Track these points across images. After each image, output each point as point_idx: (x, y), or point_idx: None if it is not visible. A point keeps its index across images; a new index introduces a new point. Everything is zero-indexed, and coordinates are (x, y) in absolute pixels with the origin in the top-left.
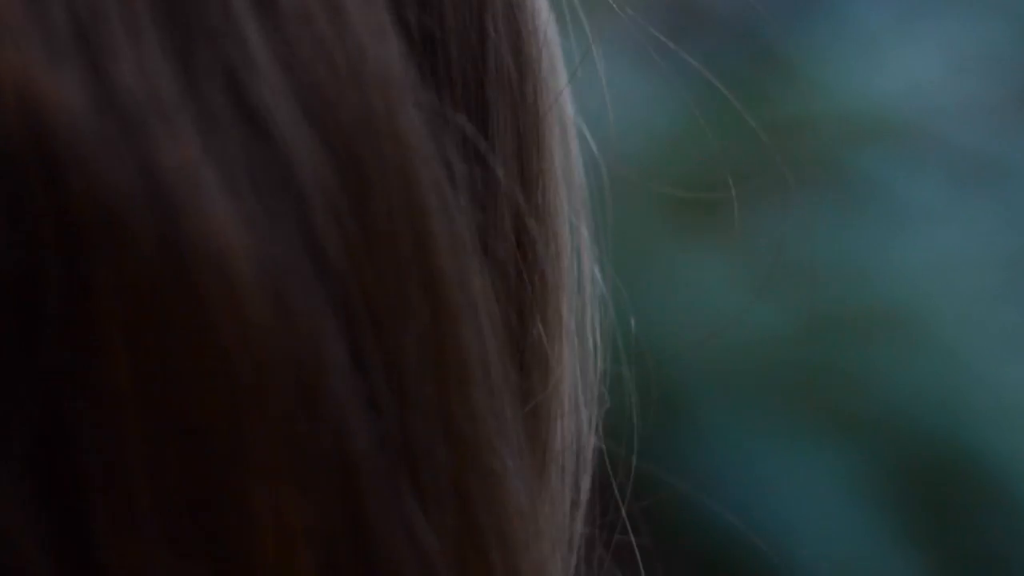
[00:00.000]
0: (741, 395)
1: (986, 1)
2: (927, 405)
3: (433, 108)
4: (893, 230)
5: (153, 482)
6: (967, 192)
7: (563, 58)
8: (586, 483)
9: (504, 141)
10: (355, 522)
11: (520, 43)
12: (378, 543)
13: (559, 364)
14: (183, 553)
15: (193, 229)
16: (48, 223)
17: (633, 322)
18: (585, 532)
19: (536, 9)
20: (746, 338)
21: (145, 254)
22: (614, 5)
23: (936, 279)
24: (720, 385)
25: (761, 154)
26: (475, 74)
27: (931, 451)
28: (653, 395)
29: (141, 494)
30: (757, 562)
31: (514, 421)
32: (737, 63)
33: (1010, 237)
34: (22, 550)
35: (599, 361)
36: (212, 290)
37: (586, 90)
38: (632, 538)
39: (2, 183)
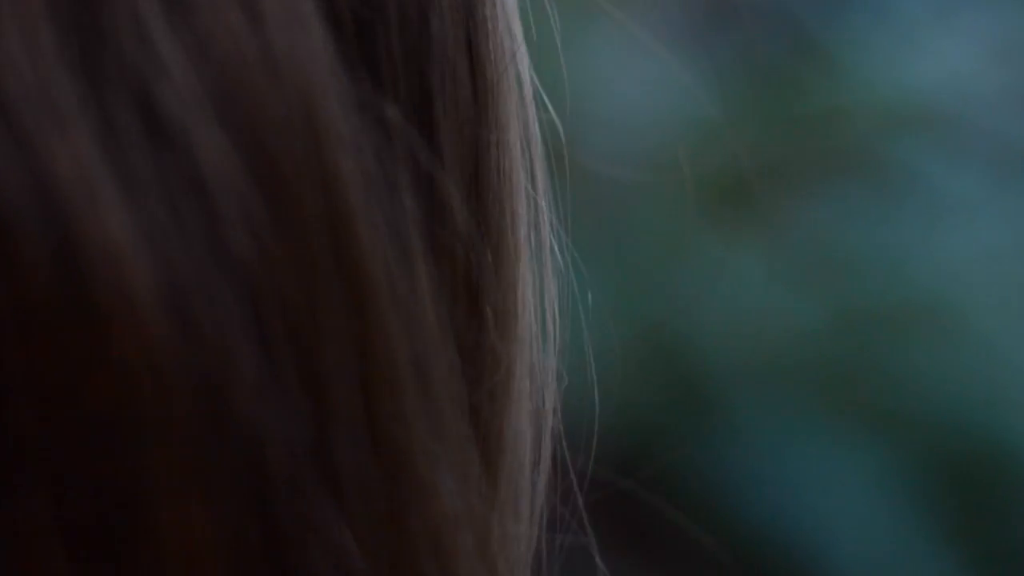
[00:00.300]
0: (777, 390)
1: None
2: (966, 400)
3: (363, 94)
4: (932, 221)
5: (55, 506)
6: (1006, 183)
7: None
8: (545, 467)
9: (453, 113)
10: (271, 540)
11: (471, 4)
12: (297, 561)
13: (515, 342)
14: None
15: (88, 242)
16: None
17: (590, 296)
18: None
19: None
20: (782, 332)
21: (37, 268)
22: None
23: (975, 271)
24: (756, 379)
25: (799, 145)
26: (419, 43)
27: (970, 447)
28: (688, 390)
29: (42, 515)
30: (792, 559)
31: (455, 417)
32: (775, 53)
33: None
34: None
35: (558, 336)
36: (109, 305)
37: (623, 80)
38: (593, 538)
39: None
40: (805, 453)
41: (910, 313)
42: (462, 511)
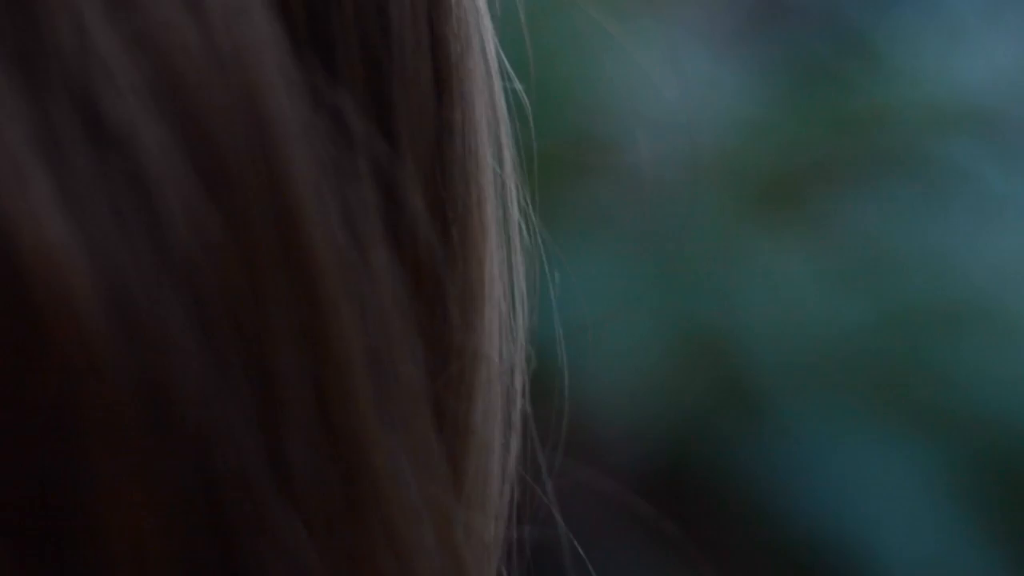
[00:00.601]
0: (825, 388)
1: None
2: (1014, 398)
3: (314, 83)
4: (980, 220)
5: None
6: None
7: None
8: (514, 450)
9: (413, 93)
10: (222, 541)
11: None
12: (250, 563)
13: (481, 323)
14: None
15: (25, 246)
16: None
17: (559, 275)
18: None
19: None
20: (830, 331)
21: None
22: None
23: (1023, 269)
24: (804, 378)
25: (847, 144)
26: (376, 25)
27: (1018, 445)
28: (736, 388)
29: None
30: (840, 557)
31: (416, 407)
32: (823, 52)
33: None
34: None
35: (526, 317)
36: (48, 307)
37: (671, 80)
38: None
39: None
40: (853, 451)
41: (957, 311)
42: (423, 504)
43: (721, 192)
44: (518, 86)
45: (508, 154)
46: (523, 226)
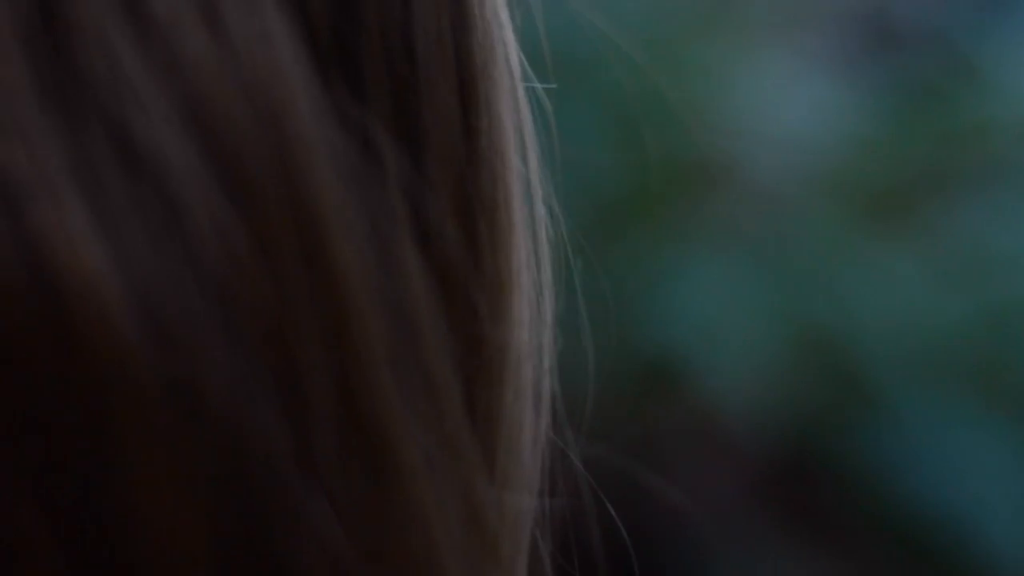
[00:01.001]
0: (933, 381)
1: None
2: None
3: (338, 100)
4: None
5: (47, 517)
6: None
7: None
8: (543, 432)
9: (439, 102)
10: (257, 533)
11: None
12: (285, 552)
13: (509, 312)
14: None
15: (63, 268)
16: None
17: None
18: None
19: None
20: (937, 327)
21: (14, 299)
22: None
23: None
24: (913, 372)
25: (951, 156)
26: (401, 41)
27: None
28: (852, 384)
29: (37, 523)
30: (948, 535)
31: (445, 396)
32: (931, 72)
33: None
34: None
35: (552, 302)
36: (85, 324)
37: (788, 101)
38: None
39: None
40: (960, 438)
41: None
42: (453, 487)
43: (835, 202)
44: (540, 88)
45: (533, 153)
46: (548, 219)
